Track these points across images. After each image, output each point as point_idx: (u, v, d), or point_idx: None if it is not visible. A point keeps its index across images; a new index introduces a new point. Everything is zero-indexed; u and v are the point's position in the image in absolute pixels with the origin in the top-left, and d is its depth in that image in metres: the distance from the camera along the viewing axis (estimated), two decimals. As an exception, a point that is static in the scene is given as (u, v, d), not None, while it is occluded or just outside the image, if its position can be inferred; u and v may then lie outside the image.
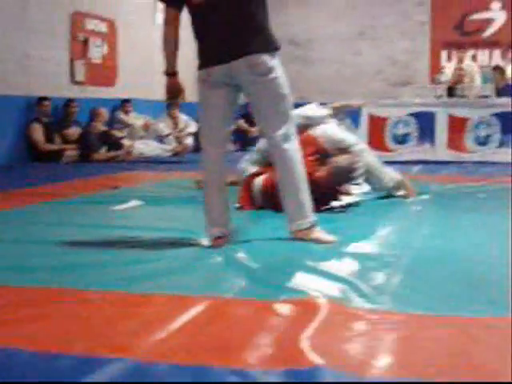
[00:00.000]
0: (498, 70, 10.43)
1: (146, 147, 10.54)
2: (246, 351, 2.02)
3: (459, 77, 10.52)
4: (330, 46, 15.28)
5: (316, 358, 1.92)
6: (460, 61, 11.39)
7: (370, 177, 5.27)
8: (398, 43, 14.97)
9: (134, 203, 5.32)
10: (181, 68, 3.81)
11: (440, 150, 9.67)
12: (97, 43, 10.87)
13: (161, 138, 11.42)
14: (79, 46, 10.47)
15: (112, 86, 11.33)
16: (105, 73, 11.11)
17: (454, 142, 9.63)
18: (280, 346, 2.06)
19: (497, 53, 14.18)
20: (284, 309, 2.44)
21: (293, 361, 1.92)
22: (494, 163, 9.02)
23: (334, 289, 2.70)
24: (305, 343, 2.05)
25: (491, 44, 14.39)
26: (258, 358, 1.96)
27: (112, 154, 9.90)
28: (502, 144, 9.50)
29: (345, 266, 3.11)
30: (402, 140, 9.82)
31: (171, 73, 3.78)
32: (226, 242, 3.61)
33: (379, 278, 2.90)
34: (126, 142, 10.37)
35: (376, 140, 9.80)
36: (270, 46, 3.64)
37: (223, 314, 2.43)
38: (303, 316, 2.34)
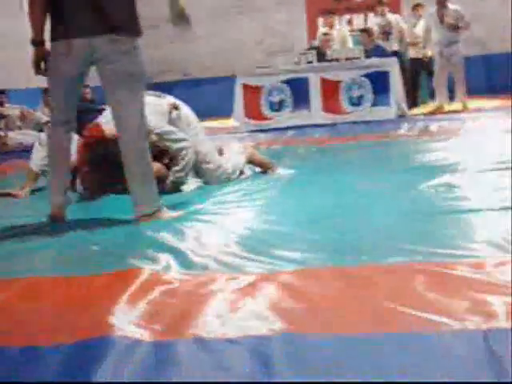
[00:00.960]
0: (366, 31, 10.61)
1: (24, 137, 10.28)
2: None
3: (325, 41, 10.64)
4: (208, 20, 15.21)
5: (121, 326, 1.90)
6: (330, 26, 11.55)
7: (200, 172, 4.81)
8: (275, 14, 15.03)
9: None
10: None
11: (316, 113, 9.79)
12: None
13: (40, 127, 11.16)
14: None
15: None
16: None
17: (329, 105, 9.76)
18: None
19: (371, 16, 14.38)
20: (99, 282, 2.41)
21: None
22: (368, 122, 9.19)
23: (160, 258, 2.66)
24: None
25: (365, 8, 14.59)
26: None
27: (-14, 145, 9.62)
28: (375, 103, 9.67)
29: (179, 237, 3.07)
30: (278, 107, 9.89)
31: (38, 41, 3.55)
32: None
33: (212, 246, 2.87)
34: (1, 133, 10.09)
35: (252, 109, 9.86)
36: (136, 28, 3.56)
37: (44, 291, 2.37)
38: (116, 287, 2.31)
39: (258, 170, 5.14)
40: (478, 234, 2.68)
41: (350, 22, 14.06)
